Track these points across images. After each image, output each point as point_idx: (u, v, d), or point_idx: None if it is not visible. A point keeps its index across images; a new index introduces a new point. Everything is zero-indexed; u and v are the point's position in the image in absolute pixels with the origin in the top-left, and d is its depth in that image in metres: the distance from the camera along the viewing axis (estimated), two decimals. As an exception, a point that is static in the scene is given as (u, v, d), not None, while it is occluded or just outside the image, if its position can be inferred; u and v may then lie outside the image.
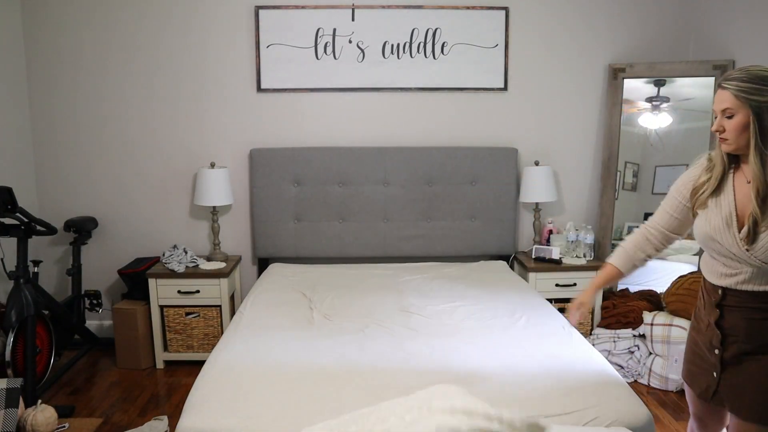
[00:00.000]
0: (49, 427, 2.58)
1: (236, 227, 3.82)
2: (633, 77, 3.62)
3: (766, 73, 1.58)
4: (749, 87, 1.57)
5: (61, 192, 3.74)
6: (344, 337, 2.49)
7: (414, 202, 3.69)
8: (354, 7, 3.61)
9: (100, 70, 3.64)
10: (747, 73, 1.58)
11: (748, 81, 1.57)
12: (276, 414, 1.88)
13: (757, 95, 1.56)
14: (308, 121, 3.73)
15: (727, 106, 1.61)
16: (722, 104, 1.62)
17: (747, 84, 1.57)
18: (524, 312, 2.77)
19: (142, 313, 3.46)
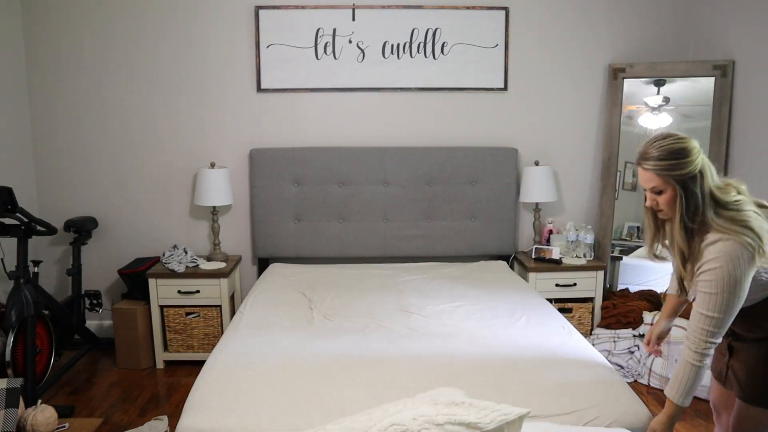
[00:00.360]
0: (49, 427, 2.58)
1: (236, 227, 3.82)
2: (633, 77, 3.62)
3: (679, 144, 1.65)
4: (667, 164, 1.64)
5: (61, 192, 3.74)
6: (344, 337, 2.49)
7: (414, 202, 3.69)
8: (354, 7, 3.61)
9: (100, 70, 3.64)
10: (662, 151, 1.65)
11: (664, 158, 1.65)
12: (276, 414, 1.88)
13: (678, 169, 1.63)
14: (308, 121, 3.73)
15: (653, 185, 1.69)
16: (649, 183, 1.70)
17: (665, 162, 1.65)
18: (524, 312, 2.77)
19: (142, 313, 3.46)
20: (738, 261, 1.62)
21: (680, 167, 1.64)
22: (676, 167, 1.64)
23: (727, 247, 1.63)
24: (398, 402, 1.47)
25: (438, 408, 1.36)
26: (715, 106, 3.42)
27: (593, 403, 1.95)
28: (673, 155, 1.65)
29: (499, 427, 1.35)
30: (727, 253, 1.62)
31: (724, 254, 1.62)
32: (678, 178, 1.65)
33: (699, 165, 1.66)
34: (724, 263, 1.62)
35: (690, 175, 1.65)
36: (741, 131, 3.33)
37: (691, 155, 1.65)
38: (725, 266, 1.62)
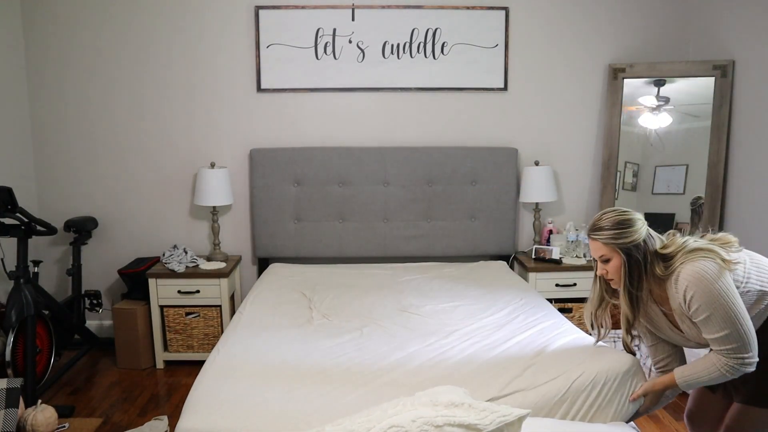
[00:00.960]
0: (49, 427, 2.58)
1: (236, 227, 3.82)
2: (633, 77, 3.62)
3: (623, 216, 1.80)
4: (613, 233, 1.78)
5: (61, 192, 3.74)
6: (344, 337, 2.49)
7: (414, 202, 3.69)
8: (354, 7, 3.61)
9: (100, 70, 3.64)
10: (609, 221, 1.80)
11: (610, 228, 1.78)
12: (276, 414, 1.88)
13: (622, 238, 1.77)
14: (308, 121, 3.73)
15: (601, 254, 1.82)
16: (597, 252, 1.83)
17: (610, 231, 1.78)
18: (524, 312, 2.77)
19: (142, 313, 3.46)
20: (706, 274, 1.67)
21: (624, 236, 1.77)
22: (620, 236, 1.77)
23: (687, 270, 1.70)
24: (397, 402, 1.47)
25: (437, 409, 1.36)
26: (715, 106, 3.42)
27: (593, 402, 1.95)
28: (618, 225, 1.79)
29: (498, 428, 1.35)
30: (689, 275, 1.69)
31: (689, 277, 1.69)
32: (622, 247, 1.78)
33: (642, 235, 1.78)
34: (696, 284, 1.68)
35: (633, 244, 1.77)
36: (741, 131, 3.33)
37: (635, 225, 1.79)
38: (699, 286, 1.67)
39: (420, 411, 1.35)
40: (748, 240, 3.26)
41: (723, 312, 1.65)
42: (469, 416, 1.34)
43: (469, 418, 1.34)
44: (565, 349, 2.23)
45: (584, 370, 1.96)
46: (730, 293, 1.66)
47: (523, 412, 1.40)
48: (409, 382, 2.04)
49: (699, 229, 3.18)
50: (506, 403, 1.87)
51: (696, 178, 3.53)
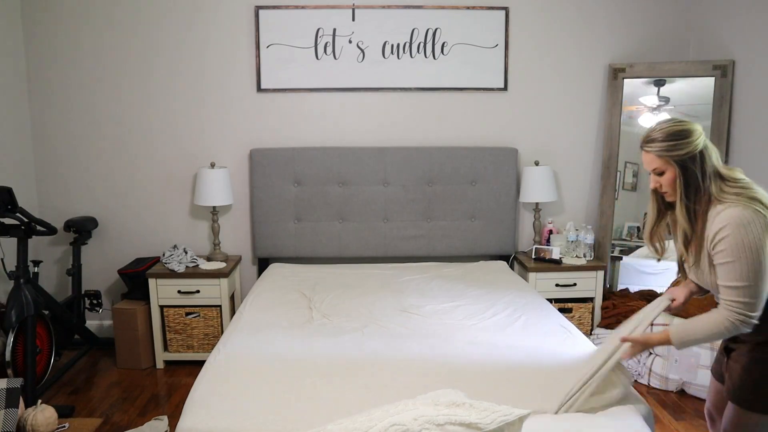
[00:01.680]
0: (49, 427, 2.58)
1: (236, 227, 3.82)
2: (633, 77, 3.62)
3: (678, 127, 1.71)
4: (666, 145, 1.70)
5: (61, 192, 3.74)
6: (344, 337, 2.49)
7: (414, 202, 3.69)
8: (354, 7, 3.61)
9: (100, 70, 3.64)
10: (662, 133, 1.71)
11: (664, 140, 1.70)
12: (276, 414, 1.88)
13: (676, 150, 1.69)
14: (308, 121, 3.73)
15: (654, 167, 1.75)
16: (650, 165, 1.76)
17: (664, 143, 1.70)
18: (524, 312, 2.77)
19: (142, 313, 3.46)
20: (749, 226, 1.60)
21: (678, 148, 1.69)
22: (675, 148, 1.69)
23: (736, 212, 1.62)
24: (399, 402, 1.47)
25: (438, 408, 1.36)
26: (715, 106, 3.42)
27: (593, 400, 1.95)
28: (672, 137, 1.70)
29: (499, 427, 1.35)
30: (735, 217, 1.61)
31: (733, 220, 1.61)
32: (677, 159, 1.69)
33: (699, 146, 1.69)
34: (734, 229, 1.61)
35: (689, 156, 1.68)
36: (741, 131, 3.33)
37: (691, 137, 1.69)
38: (736, 232, 1.61)
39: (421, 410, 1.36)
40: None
41: (750, 264, 1.60)
42: (470, 415, 1.35)
43: (470, 417, 1.34)
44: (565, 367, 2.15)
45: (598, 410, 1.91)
46: (763, 250, 1.60)
47: (524, 411, 1.41)
48: (411, 382, 2.03)
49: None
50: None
51: (696, 178, 3.53)
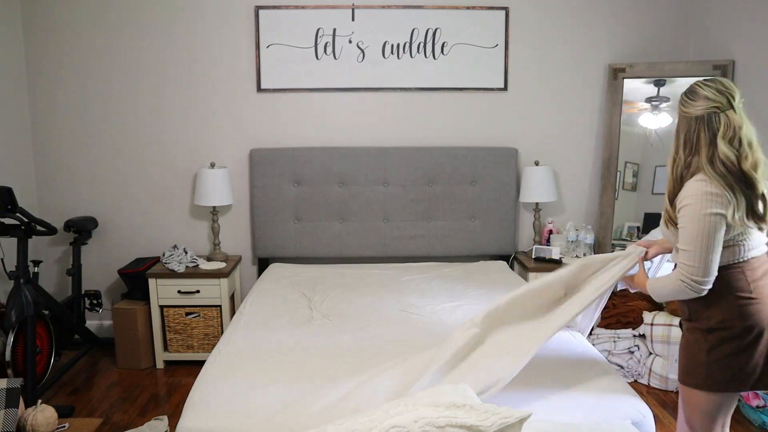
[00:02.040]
0: (49, 427, 2.58)
1: (236, 227, 3.82)
2: (633, 77, 3.62)
3: (696, 86, 1.76)
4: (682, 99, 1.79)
5: (61, 192, 3.74)
6: (344, 337, 2.49)
7: (414, 202, 3.69)
8: (354, 7, 3.61)
9: (100, 70, 3.64)
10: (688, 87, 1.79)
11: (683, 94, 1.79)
12: (276, 413, 1.88)
13: (684, 106, 1.78)
14: (308, 121, 3.73)
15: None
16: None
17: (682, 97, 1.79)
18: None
19: (142, 313, 3.46)
20: (710, 200, 1.68)
21: (685, 105, 1.76)
22: (684, 104, 1.77)
23: (703, 186, 1.70)
24: (399, 403, 1.47)
25: (439, 410, 1.36)
26: (715, 106, 3.42)
27: (593, 402, 1.95)
28: (687, 93, 1.77)
29: (500, 430, 1.35)
30: (701, 190, 1.70)
31: (698, 191, 1.71)
32: (682, 113, 1.77)
33: (706, 111, 1.71)
34: (696, 199, 1.70)
35: (693, 116, 1.73)
36: (741, 131, 3.33)
37: (699, 100, 1.72)
38: (696, 202, 1.70)
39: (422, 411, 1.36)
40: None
41: (697, 232, 1.70)
42: (470, 417, 1.35)
43: (471, 420, 1.34)
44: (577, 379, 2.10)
45: (599, 413, 1.91)
46: (713, 226, 1.69)
47: (525, 413, 1.41)
48: (411, 383, 2.03)
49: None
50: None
51: (696, 178, 3.53)
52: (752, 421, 2.84)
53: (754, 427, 2.81)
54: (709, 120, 1.71)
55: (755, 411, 2.81)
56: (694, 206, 1.70)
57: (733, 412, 1.92)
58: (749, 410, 2.86)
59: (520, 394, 2.00)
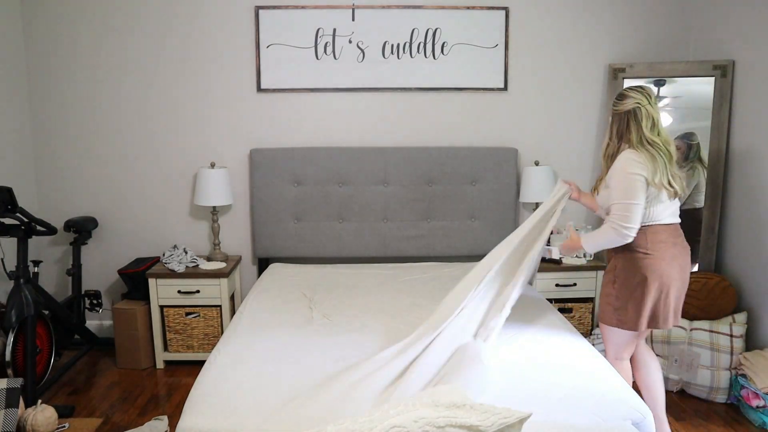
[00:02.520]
0: (49, 427, 2.58)
1: (236, 227, 3.82)
2: (633, 77, 3.62)
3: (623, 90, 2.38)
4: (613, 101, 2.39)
5: (61, 192, 3.74)
6: (344, 337, 2.49)
7: (414, 202, 3.69)
8: (354, 7, 3.61)
9: (100, 70, 3.64)
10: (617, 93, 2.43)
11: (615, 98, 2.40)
12: (276, 413, 1.88)
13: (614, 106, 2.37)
14: (308, 121, 3.73)
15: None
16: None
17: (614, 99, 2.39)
18: (524, 312, 2.77)
19: (142, 313, 3.46)
20: (635, 164, 2.25)
21: (617, 104, 2.35)
22: (616, 104, 2.36)
23: (632, 154, 2.28)
24: (399, 403, 1.47)
25: (439, 410, 1.36)
26: (715, 106, 3.42)
27: (594, 403, 1.96)
28: (617, 96, 2.38)
29: (499, 430, 1.35)
30: (629, 158, 2.27)
31: (627, 158, 2.28)
32: (615, 111, 2.37)
33: (627, 107, 2.31)
34: (624, 164, 2.27)
35: (623, 111, 2.32)
36: (741, 131, 3.33)
37: (627, 99, 2.32)
38: (624, 166, 2.27)
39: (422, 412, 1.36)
40: (747, 238, 3.28)
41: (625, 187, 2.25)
42: (470, 417, 1.35)
43: (471, 420, 1.34)
44: (578, 379, 2.13)
45: (599, 414, 1.92)
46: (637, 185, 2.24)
47: (524, 414, 1.41)
48: (412, 383, 2.03)
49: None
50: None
51: (696, 178, 3.53)
52: (752, 421, 2.84)
53: (754, 427, 2.82)
54: (635, 113, 2.29)
55: (755, 411, 2.81)
56: (622, 169, 2.27)
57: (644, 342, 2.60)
58: (749, 410, 2.86)
59: (520, 395, 2.00)
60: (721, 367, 3.03)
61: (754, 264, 3.19)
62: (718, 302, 3.13)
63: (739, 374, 2.97)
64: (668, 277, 2.30)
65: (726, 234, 3.45)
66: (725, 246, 3.46)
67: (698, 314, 3.14)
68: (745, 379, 2.91)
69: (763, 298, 3.10)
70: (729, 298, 3.15)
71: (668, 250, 2.31)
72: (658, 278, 2.29)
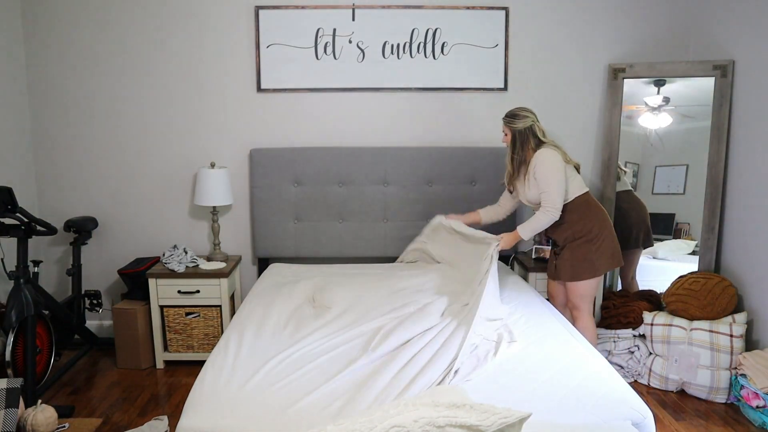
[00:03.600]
0: (49, 427, 2.58)
1: (236, 227, 3.82)
2: (633, 77, 3.62)
3: (516, 110, 2.94)
4: (508, 118, 2.94)
5: (61, 192, 3.74)
6: (344, 337, 2.49)
7: (414, 202, 3.69)
8: (354, 7, 3.61)
9: (100, 70, 3.64)
10: (509, 111, 2.95)
11: (508, 116, 2.94)
12: (276, 413, 1.88)
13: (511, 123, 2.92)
14: (308, 121, 3.73)
15: (503, 129, 2.98)
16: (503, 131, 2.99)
17: (507, 117, 2.94)
18: (524, 312, 2.77)
19: (142, 313, 3.46)
20: (550, 158, 2.81)
21: (513, 123, 2.91)
22: (512, 123, 2.91)
23: (544, 152, 2.84)
24: (399, 402, 1.47)
25: (439, 410, 1.36)
26: (715, 106, 3.42)
27: (594, 403, 1.96)
28: (511, 115, 2.93)
29: (499, 430, 1.35)
30: (542, 153, 2.83)
31: (542, 156, 2.83)
32: (515, 129, 2.91)
33: (526, 125, 2.89)
34: (542, 160, 2.82)
35: (523, 128, 2.89)
36: (741, 131, 3.33)
37: (521, 119, 2.89)
38: (542, 162, 2.82)
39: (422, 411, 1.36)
40: (747, 238, 3.28)
41: (546, 179, 2.81)
42: (470, 417, 1.35)
43: (471, 419, 1.34)
44: (577, 379, 2.14)
45: (600, 415, 1.91)
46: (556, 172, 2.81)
47: (524, 413, 1.41)
48: (412, 383, 2.03)
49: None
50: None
51: (696, 178, 3.53)
52: (752, 421, 2.84)
53: (754, 427, 2.82)
54: (532, 128, 2.90)
55: (755, 411, 2.81)
56: (542, 164, 2.82)
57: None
58: (749, 410, 2.86)
59: (520, 395, 2.00)
60: (721, 367, 3.03)
61: (754, 264, 3.19)
62: (718, 302, 3.13)
63: (739, 374, 2.97)
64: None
65: (726, 234, 3.46)
66: (725, 246, 3.46)
67: (698, 314, 3.14)
68: (744, 379, 2.91)
69: (763, 298, 3.10)
70: (729, 298, 3.15)
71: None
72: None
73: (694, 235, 3.61)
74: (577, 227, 2.89)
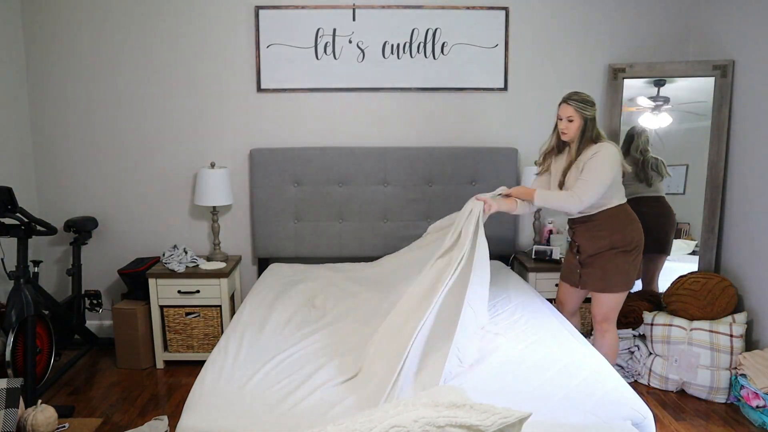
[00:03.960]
0: (49, 427, 2.57)
1: (236, 227, 3.82)
2: (633, 77, 3.62)
3: (589, 97, 2.72)
4: (583, 105, 2.69)
5: (61, 192, 3.74)
6: (344, 337, 2.49)
7: (414, 202, 3.69)
8: (354, 7, 3.61)
9: (100, 70, 3.64)
10: (580, 96, 2.71)
11: (581, 101, 2.69)
12: (276, 413, 1.88)
13: (586, 111, 2.68)
14: (308, 121, 3.73)
15: (569, 115, 2.71)
16: (567, 113, 2.72)
17: (581, 103, 2.69)
18: (524, 312, 2.77)
19: (142, 313, 3.46)
20: (615, 155, 2.67)
21: (587, 110, 2.69)
22: (586, 109, 2.69)
23: (608, 146, 2.68)
24: (398, 403, 1.47)
25: (439, 410, 1.36)
26: (715, 106, 3.42)
27: (594, 403, 1.96)
28: (585, 101, 2.70)
29: (499, 430, 1.35)
30: (608, 147, 2.68)
31: (603, 149, 2.66)
32: (584, 115, 2.69)
33: (594, 113, 2.71)
34: (602, 152, 2.65)
35: (590, 116, 2.69)
36: (741, 131, 3.33)
37: (593, 106, 2.71)
38: (600, 153, 2.65)
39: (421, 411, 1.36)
40: (747, 238, 3.28)
41: (596, 171, 2.63)
42: (470, 417, 1.35)
43: (471, 419, 1.34)
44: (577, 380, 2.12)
45: (600, 415, 1.91)
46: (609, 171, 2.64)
47: (524, 413, 1.40)
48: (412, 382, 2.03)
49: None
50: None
51: (696, 178, 3.53)
52: (752, 421, 2.84)
53: (754, 427, 2.82)
54: (594, 118, 2.72)
55: (755, 411, 2.81)
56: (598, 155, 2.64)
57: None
58: (749, 410, 2.86)
59: (520, 395, 2.00)
60: (721, 367, 3.03)
61: (754, 264, 3.19)
62: (718, 302, 3.13)
63: (739, 374, 2.97)
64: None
65: (726, 234, 3.46)
66: (725, 246, 3.46)
67: (698, 314, 3.14)
68: (744, 379, 2.90)
69: (763, 298, 3.10)
70: (729, 298, 3.15)
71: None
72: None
73: (694, 235, 3.61)
74: (617, 237, 2.72)
